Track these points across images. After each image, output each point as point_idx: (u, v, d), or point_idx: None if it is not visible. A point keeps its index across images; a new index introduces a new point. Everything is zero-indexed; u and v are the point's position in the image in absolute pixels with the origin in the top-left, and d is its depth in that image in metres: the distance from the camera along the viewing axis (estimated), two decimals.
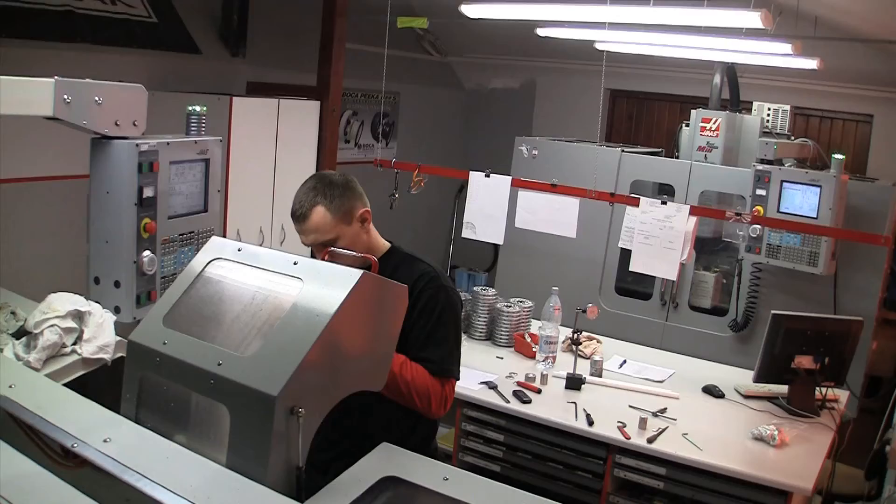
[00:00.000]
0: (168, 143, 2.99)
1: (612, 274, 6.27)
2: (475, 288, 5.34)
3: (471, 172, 5.38)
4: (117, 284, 2.92)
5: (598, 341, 5.08)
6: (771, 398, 4.44)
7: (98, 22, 5.32)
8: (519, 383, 4.44)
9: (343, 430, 2.64)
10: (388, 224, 7.20)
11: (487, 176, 5.31)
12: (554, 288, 4.80)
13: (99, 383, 2.66)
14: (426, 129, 9.06)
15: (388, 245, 3.07)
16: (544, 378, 4.49)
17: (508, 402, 4.23)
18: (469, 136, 9.49)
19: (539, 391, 4.37)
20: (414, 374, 2.80)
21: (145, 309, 2.92)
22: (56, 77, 2.54)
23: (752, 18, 3.88)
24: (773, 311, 4.34)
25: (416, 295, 2.82)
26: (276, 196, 5.79)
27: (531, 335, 5.05)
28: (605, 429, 3.97)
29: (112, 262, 2.91)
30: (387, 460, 2.12)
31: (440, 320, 2.89)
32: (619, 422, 3.99)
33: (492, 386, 4.38)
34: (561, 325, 4.76)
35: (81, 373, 2.69)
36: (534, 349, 4.85)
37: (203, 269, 2.22)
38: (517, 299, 5.28)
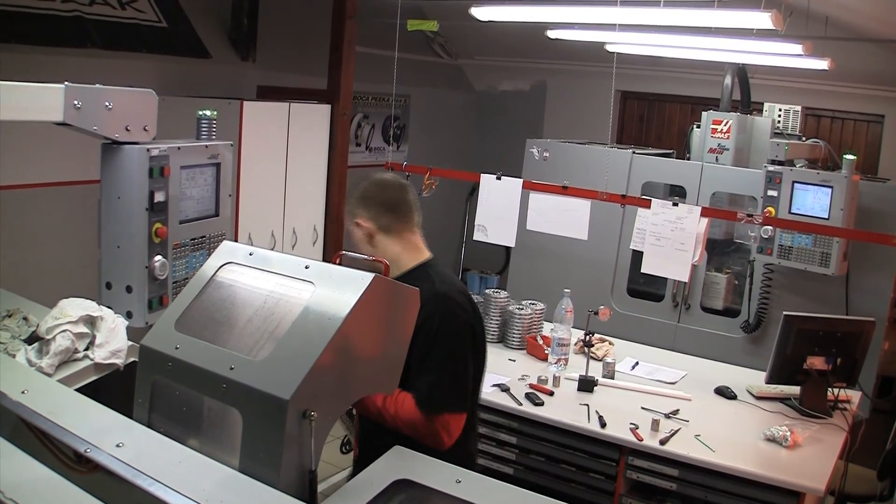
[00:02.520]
0: (179, 148, 2.99)
1: (623, 276, 6.27)
2: (487, 290, 5.33)
3: (482, 175, 5.38)
4: (129, 289, 2.92)
5: (611, 343, 5.07)
6: (783, 399, 4.42)
7: (108, 27, 5.34)
8: (531, 385, 4.43)
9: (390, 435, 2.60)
10: None
11: (499, 178, 5.31)
12: (566, 290, 4.79)
13: (111, 388, 2.67)
14: (437, 131, 9.06)
15: (420, 260, 3.00)
16: (556, 380, 4.49)
17: (521, 404, 4.22)
18: (480, 138, 9.49)
19: (551, 393, 4.37)
20: (398, 407, 2.71)
21: (157, 313, 2.93)
22: (66, 82, 2.55)
23: (762, 19, 3.87)
24: (784, 312, 4.32)
25: (421, 316, 2.37)
26: (287, 200, 5.80)
27: (543, 337, 5.04)
28: (618, 430, 3.96)
29: (124, 267, 2.92)
30: (399, 463, 2.12)
31: (435, 345, 2.75)
32: (631, 423, 3.98)
33: (504, 388, 4.37)
34: (573, 327, 4.74)
35: (94, 378, 2.69)
36: (546, 351, 4.84)
37: (215, 274, 2.22)
38: (529, 301, 5.26)
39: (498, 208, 5.32)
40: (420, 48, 8.44)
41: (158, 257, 2.95)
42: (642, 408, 4.21)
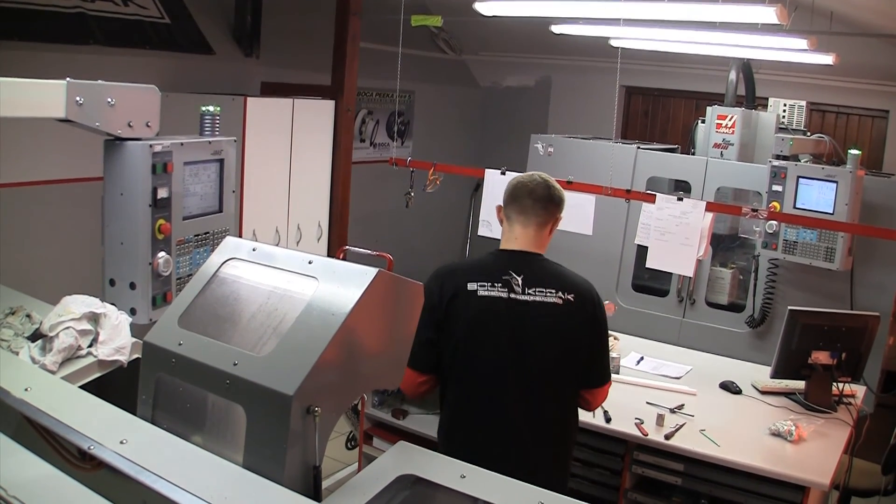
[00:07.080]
0: (182, 144, 2.98)
1: (628, 271, 6.26)
2: None
3: (486, 171, 5.36)
4: (133, 286, 2.92)
5: (616, 338, 5.05)
6: (788, 394, 4.42)
7: (110, 23, 5.34)
8: None
9: None
10: (404, 222, 7.16)
11: (503, 174, 5.29)
12: None
13: (115, 385, 2.66)
14: (441, 127, 9.06)
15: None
16: None
17: None
18: (484, 134, 9.49)
19: None
20: None
21: (161, 310, 2.92)
22: (68, 79, 2.54)
23: (767, 14, 3.86)
24: (789, 307, 4.31)
25: None
26: (291, 196, 5.79)
27: None
28: (623, 425, 3.95)
29: (127, 263, 2.91)
30: (404, 458, 2.12)
31: None
32: (636, 418, 3.98)
33: None
34: None
35: (97, 375, 2.69)
36: None
37: (218, 270, 2.21)
38: None
39: None
40: (424, 44, 8.43)
41: (162, 254, 2.95)
42: (647, 403, 4.20)
